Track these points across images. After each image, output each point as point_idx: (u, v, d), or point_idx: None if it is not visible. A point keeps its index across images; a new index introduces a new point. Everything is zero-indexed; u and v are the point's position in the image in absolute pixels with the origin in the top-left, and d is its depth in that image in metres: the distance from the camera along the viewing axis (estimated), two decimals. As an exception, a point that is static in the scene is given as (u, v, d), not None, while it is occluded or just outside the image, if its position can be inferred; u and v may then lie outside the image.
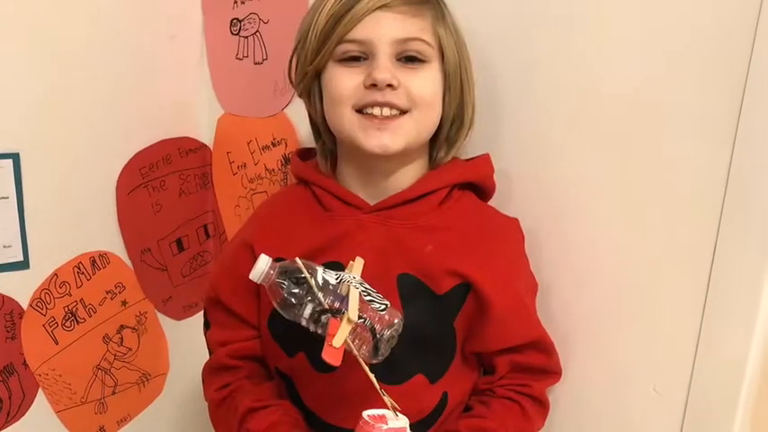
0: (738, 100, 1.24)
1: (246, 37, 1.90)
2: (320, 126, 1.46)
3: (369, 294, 1.24)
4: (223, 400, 1.48)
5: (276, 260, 1.23)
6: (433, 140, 1.44)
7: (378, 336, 1.21)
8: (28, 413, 1.76)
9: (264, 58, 1.89)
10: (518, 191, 1.54)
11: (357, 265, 1.29)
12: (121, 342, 1.94)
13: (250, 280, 1.22)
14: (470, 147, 1.50)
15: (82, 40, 1.72)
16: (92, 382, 1.89)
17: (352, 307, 1.19)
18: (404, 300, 1.35)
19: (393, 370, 1.33)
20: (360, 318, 1.19)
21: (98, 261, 1.84)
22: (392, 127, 1.33)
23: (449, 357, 1.42)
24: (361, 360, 1.20)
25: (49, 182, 1.70)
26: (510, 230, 1.49)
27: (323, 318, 1.20)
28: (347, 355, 1.19)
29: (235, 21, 1.91)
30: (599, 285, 1.47)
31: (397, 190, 1.42)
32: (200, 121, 2.04)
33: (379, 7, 1.31)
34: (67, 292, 1.79)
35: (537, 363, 1.44)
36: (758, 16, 1.21)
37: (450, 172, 1.45)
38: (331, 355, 1.17)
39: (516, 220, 1.50)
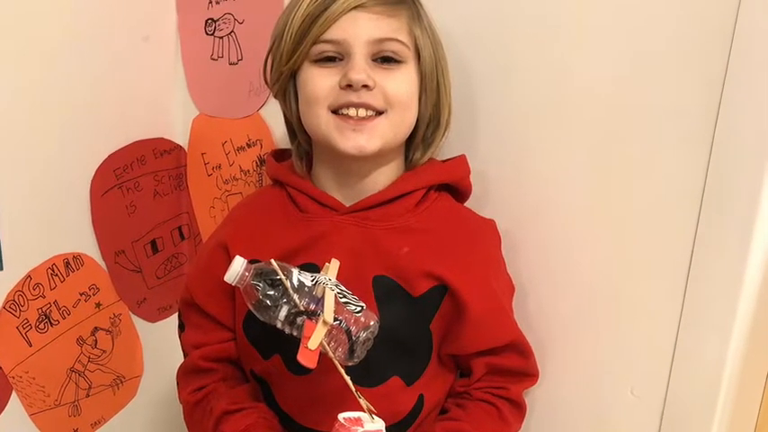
0: (716, 101, 1.24)
1: (221, 37, 1.89)
2: (295, 127, 1.45)
3: (344, 296, 1.23)
4: (198, 402, 1.47)
5: (251, 262, 1.23)
6: (410, 141, 1.44)
7: (353, 338, 1.20)
8: (1, 416, 1.73)
9: (239, 58, 1.88)
10: (495, 192, 1.54)
11: (332, 266, 1.29)
12: (95, 344, 1.93)
13: (225, 281, 1.21)
14: (447, 148, 1.49)
15: (54, 42, 1.70)
16: (66, 385, 1.87)
17: (328, 309, 1.19)
18: (379, 302, 1.35)
19: (369, 372, 1.33)
20: (335, 320, 1.19)
21: (72, 263, 1.83)
22: (368, 128, 1.33)
23: (425, 360, 1.41)
24: (336, 362, 1.20)
25: (22, 183, 1.68)
26: (486, 232, 1.49)
27: (298, 320, 1.20)
28: (323, 357, 1.19)
29: (209, 21, 1.90)
30: (576, 287, 1.48)
31: (373, 191, 1.41)
32: (175, 121, 2.02)
33: (355, 7, 1.31)
34: (41, 293, 1.77)
35: (514, 365, 1.44)
36: (736, 15, 1.21)
37: (427, 173, 1.44)
38: (306, 358, 1.17)
39: (493, 221, 1.50)
